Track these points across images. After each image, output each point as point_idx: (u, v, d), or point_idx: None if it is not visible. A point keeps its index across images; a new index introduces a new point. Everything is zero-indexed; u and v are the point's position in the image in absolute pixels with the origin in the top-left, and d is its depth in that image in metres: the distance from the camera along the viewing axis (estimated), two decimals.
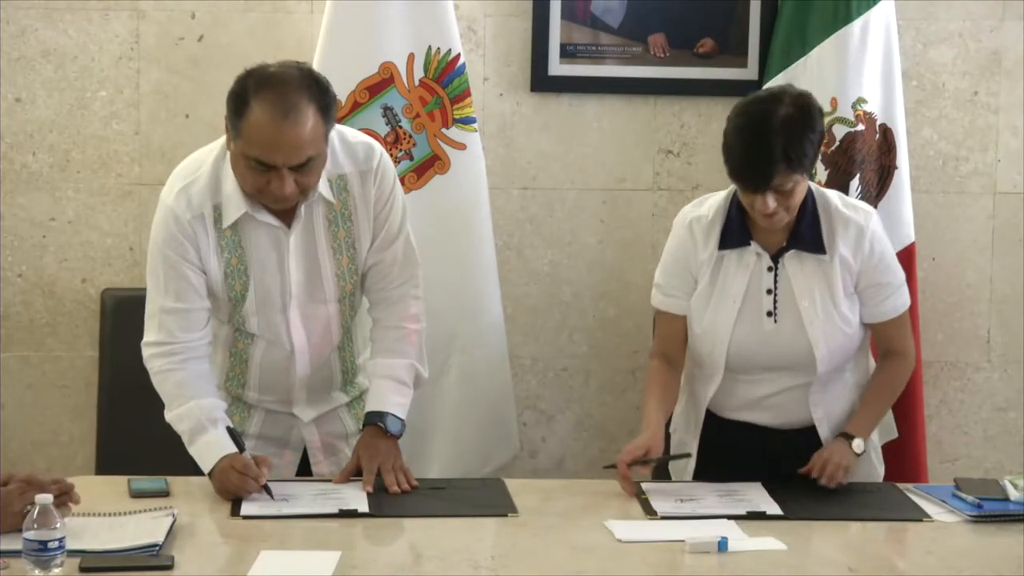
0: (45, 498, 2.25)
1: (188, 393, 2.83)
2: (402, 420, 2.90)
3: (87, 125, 3.91)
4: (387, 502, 2.71)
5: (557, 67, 3.95)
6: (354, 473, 2.84)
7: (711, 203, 3.01)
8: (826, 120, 3.80)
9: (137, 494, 2.70)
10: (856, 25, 3.78)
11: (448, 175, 3.74)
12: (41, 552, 2.22)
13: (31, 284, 3.94)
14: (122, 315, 3.49)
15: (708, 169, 3.96)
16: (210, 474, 2.75)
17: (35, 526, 2.22)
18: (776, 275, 2.94)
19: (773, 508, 2.72)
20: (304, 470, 3.03)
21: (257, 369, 2.96)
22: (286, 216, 2.82)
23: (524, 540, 2.55)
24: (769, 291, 2.94)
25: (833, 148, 3.82)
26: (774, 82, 3.85)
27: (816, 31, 3.81)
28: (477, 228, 3.77)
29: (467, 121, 3.76)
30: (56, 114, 3.90)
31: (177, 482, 2.77)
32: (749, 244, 2.94)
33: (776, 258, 2.94)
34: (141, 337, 3.39)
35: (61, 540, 2.23)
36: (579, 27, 3.94)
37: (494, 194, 3.89)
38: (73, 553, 2.29)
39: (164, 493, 2.71)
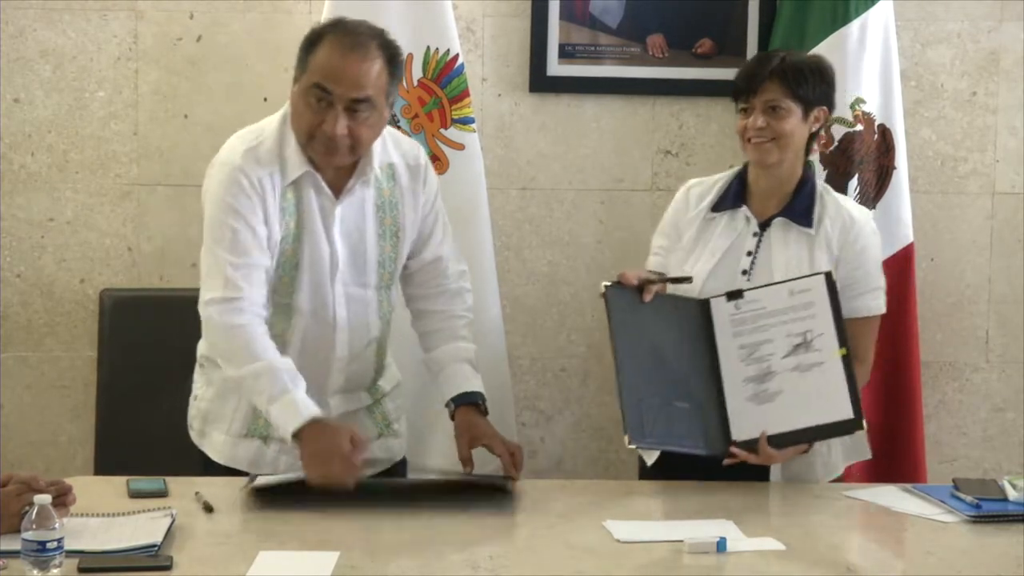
0: (44, 498, 2.25)
1: (259, 351, 2.77)
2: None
3: (85, 125, 3.91)
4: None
5: (556, 67, 3.96)
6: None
7: (717, 175, 3.15)
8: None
9: (136, 494, 2.70)
10: (854, 25, 3.79)
11: (447, 175, 3.74)
12: (40, 552, 2.21)
13: (30, 284, 3.94)
14: (121, 315, 3.50)
15: (707, 169, 3.94)
16: (295, 436, 2.69)
17: (34, 527, 2.22)
18: (760, 241, 3.03)
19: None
20: None
21: (297, 350, 2.90)
22: (336, 188, 2.86)
23: (523, 540, 2.55)
24: (749, 253, 3.02)
25: (831, 149, 3.82)
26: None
27: (814, 31, 3.81)
28: (476, 228, 3.77)
29: (466, 121, 3.76)
30: (55, 114, 3.91)
31: (176, 482, 2.77)
32: (741, 207, 3.04)
33: (764, 227, 3.03)
34: (140, 337, 3.40)
35: (60, 540, 2.23)
36: (578, 27, 3.95)
37: (493, 194, 3.89)
38: (72, 553, 2.28)
39: (163, 493, 2.71)
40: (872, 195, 3.84)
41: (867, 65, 3.81)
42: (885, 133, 3.85)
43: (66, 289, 3.94)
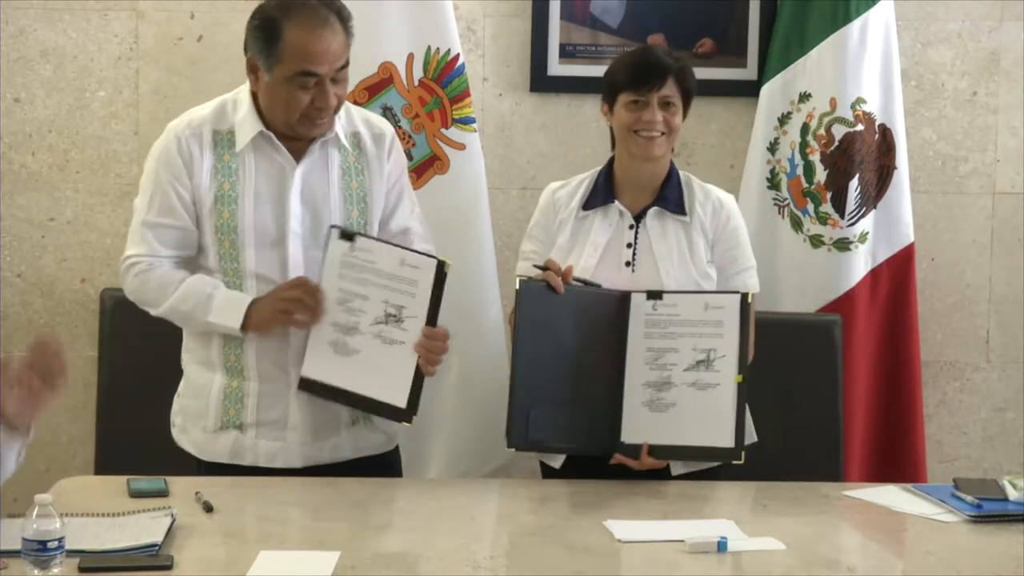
0: (44, 498, 2.25)
1: (176, 280, 2.91)
2: None
3: (86, 125, 3.92)
4: None
5: (556, 67, 3.96)
6: None
7: (579, 176, 3.19)
8: (825, 120, 3.81)
9: (136, 494, 2.70)
10: (855, 25, 3.79)
11: (447, 175, 3.74)
12: (40, 552, 2.21)
13: (30, 284, 3.94)
14: (121, 315, 3.49)
15: (707, 169, 3.95)
16: (244, 324, 2.85)
17: (34, 526, 2.22)
18: (637, 232, 3.07)
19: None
20: None
21: None
22: (296, 152, 2.92)
23: (523, 540, 2.55)
24: (629, 244, 3.07)
25: (832, 148, 3.82)
26: (773, 83, 3.86)
27: (815, 31, 3.81)
28: (476, 228, 3.77)
29: (466, 121, 3.76)
30: (55, 114, 3.91)
31: (176, 482, 2.77)
32: (613, 202, 3.08)
33: (638, 219, 3.08)
34: (140, 337, 3.40)
35: (60, 540, 2.23)
36: (578, 27, 3.95)
37: (493, 194, 3.89)
38: (72, 553, 2.29)
39: (163, 493, 2.71)
40: (872, 195, 3.84)
41: (868, 65, 3.80)
42: (886, 133, 3.84)
43: (67, 289, 3.95)
